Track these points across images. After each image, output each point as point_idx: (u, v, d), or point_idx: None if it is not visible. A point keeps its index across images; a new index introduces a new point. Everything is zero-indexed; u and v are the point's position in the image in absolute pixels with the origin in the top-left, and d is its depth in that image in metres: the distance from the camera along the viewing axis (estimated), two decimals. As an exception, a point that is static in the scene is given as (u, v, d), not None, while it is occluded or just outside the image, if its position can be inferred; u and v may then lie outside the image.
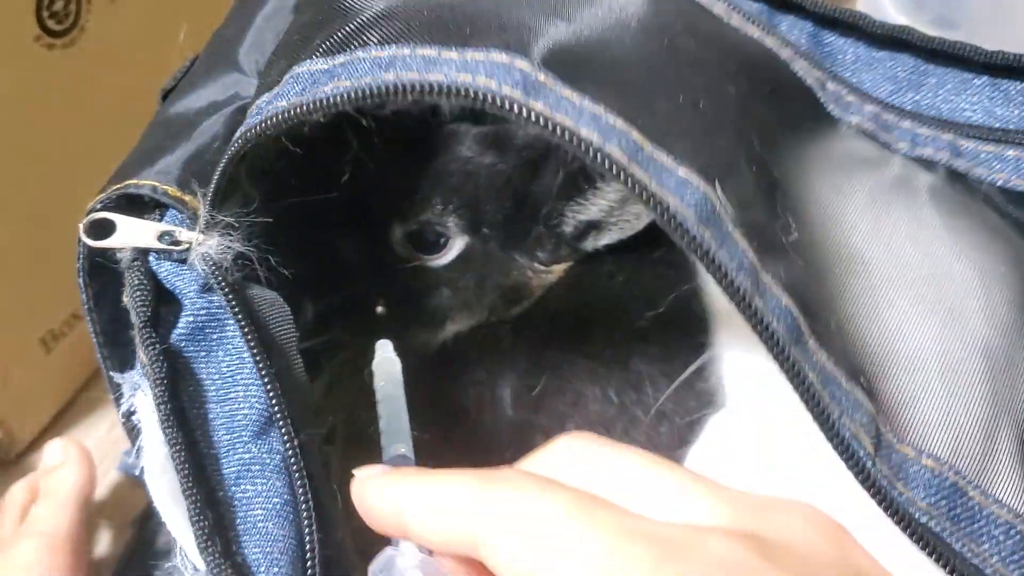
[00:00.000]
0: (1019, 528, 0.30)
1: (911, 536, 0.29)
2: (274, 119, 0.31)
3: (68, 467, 0.53)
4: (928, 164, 0.40)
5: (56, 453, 0.55)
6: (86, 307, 0.35)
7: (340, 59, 0.31)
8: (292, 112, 0.31)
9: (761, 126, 0.36)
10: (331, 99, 0.30)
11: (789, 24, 0.43)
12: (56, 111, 0.56)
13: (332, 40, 0.32)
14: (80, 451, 0.55)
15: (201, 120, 0.36)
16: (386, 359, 0.36)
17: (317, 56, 0.32)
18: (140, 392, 0.34)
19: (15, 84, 0.53)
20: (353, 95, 0.30)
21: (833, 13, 0.42)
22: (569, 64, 0.30)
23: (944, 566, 0.29)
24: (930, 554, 0.29)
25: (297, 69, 0.32)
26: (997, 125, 0.40)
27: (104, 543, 0.58)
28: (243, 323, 0.33)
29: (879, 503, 0.30)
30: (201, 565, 0.31)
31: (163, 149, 0.35)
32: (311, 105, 0.30)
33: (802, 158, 0.38)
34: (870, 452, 0.30)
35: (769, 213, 0.32)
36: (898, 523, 0.29)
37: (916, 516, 0.30)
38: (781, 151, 0.37)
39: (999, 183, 0.39)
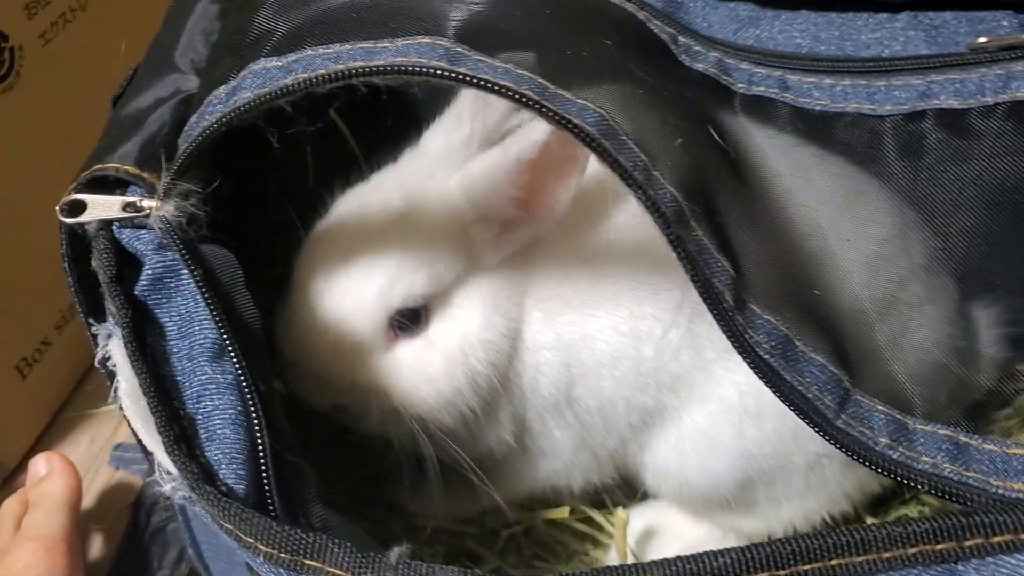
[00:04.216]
0: (829, 368, 0.37)
1: (755, 369, 0.37)
2: (242, 107, 0.38)
3: (54, 476, 0.57)
4: (762, 100, 0.47)
5: (41, 466, 0.58)
6: (69, 276, 0.41)
7: (292, 57, 0.38)
8: (257, 100, 0.37)
9: (636, 66, 0.43)
10: (293, 87, 0.37)
11: None
12: (2, 150, 0.61)
13: (278, 43, 0.39)
14: (63, 461, 0.58)
15: (150, 114, 0.43)
16: None
17: (267, 56, 0.39)
18: (113, 339, 0.40)
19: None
20: (312, 82, 0.37)
21: None
22: (477, 36, 0.38)
23: (777, 392, 0.37)
24: (769, 384, 0.37)
25: (253, 67, 0.39)
26: (822, 49, 0.47)
27: (96, 547, 0.62)
28: (193, 269, 0.39)
29: (734, 343, 0.37)
30: (172, 469, 0.37)
31: (120, 140, 0.42)
32: (275, 93, 0.37)
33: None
34: (731, 306, 0.37)
35: (660, 122, 0.39)
36: (746, 358, 0.37)
37: (760, 354, 0.37)
38: (657, 81, 0.44)
39: (817, 109, 0.46)
